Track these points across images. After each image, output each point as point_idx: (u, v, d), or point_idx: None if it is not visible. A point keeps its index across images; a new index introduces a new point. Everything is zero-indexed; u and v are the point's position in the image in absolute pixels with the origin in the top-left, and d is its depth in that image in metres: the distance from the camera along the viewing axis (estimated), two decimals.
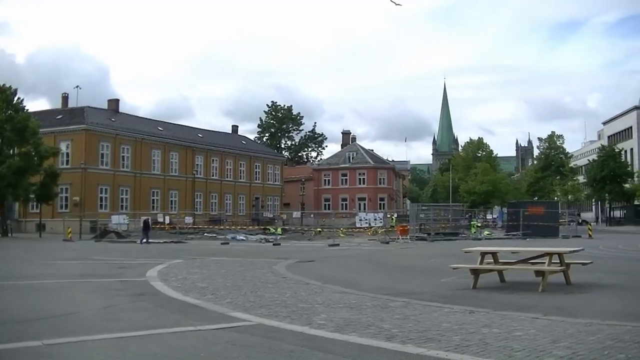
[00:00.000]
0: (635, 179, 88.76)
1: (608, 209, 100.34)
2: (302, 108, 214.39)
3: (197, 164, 77.25)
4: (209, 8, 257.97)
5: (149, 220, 48.01)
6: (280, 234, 52.46)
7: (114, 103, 75.29)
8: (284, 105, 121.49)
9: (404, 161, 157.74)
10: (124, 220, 56.42)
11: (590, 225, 56.61)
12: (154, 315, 10.09)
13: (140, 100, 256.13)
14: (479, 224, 56.16)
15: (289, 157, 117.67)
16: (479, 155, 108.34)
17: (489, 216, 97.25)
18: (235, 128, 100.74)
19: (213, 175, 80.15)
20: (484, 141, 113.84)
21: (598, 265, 17.48)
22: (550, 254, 13.70)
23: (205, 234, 54.60)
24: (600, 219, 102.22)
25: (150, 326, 8.84)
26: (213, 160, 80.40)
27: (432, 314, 9.85)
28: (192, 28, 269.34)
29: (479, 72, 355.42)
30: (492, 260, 14.55)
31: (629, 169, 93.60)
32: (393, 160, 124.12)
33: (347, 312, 10.06)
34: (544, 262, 13.61)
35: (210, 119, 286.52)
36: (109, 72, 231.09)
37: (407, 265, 22.99)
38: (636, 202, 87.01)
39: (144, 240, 42.42)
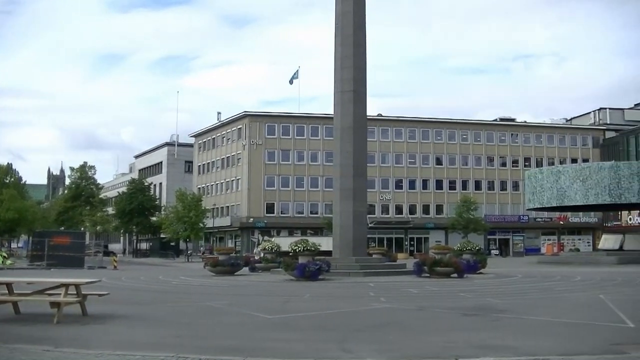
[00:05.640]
0: (162, 212, 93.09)
1: (135, 241, 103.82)
2: None
3: None
4: None
5: None
6: None
7: None
8: None
9: None
10: None
11: (116, 256, 57.75)
12: None
13: None
14: (5, 254, 53.56)
15: None
16: (7, 181, 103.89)
17: (14, 245, 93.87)
18: None
19: None
20: (13, 167, 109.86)
21: (117, 296, 17.95)
22: (66, 285, 13.66)
23: None
24: (127, 251, 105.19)
25: None
26: None
27: None
28: None
29: (16, 95, 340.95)
30: (7, 291, 14.03)
31: (157, 202, 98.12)
32: None
33: None
34: (60, 293, 13.52)
35: None
36: None
37: None
38: (162, 235, 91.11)
39: None
